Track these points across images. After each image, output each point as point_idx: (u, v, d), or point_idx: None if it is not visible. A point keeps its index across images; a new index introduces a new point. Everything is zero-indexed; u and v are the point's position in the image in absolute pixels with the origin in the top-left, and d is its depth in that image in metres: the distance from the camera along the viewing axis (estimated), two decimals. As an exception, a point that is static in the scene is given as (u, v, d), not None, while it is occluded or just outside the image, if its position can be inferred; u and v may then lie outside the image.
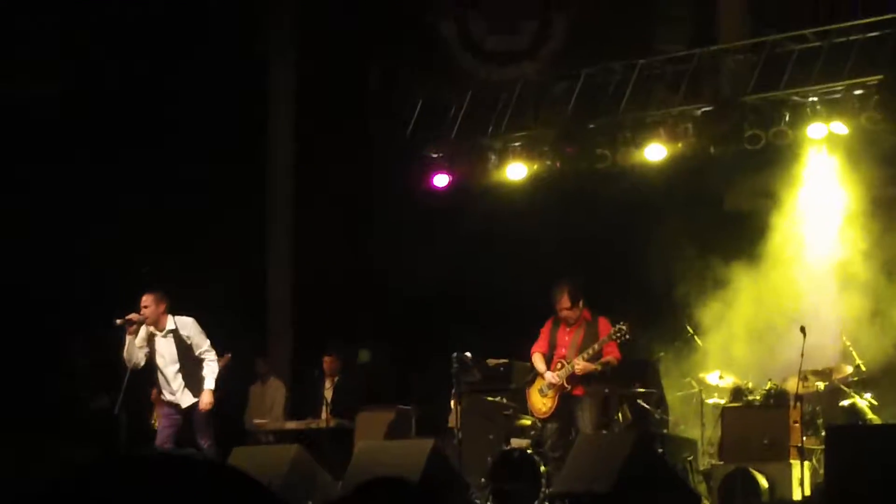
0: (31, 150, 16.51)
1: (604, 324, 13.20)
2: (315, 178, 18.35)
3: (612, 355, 13.18)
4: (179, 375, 13.11)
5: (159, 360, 13.10)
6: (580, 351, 13.14)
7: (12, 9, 16.29)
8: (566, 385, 13.13)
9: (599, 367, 13.07)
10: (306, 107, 18.71)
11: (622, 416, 13.96)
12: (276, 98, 18.99)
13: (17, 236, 16.19)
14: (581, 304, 13.36)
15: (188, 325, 13.16)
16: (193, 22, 17.02)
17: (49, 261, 16.39)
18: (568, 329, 13.31)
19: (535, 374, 13.56)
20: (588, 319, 13.27)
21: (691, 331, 14.94)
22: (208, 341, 13.15)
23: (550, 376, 13.22)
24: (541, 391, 13.36)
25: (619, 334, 13.03)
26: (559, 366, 13.19)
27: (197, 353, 13.09)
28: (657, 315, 15.14)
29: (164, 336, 13.08)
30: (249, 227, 18.42)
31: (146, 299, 13.07)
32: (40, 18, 16.28)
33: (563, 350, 13.22)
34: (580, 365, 13.03)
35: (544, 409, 13.34)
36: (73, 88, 16.53)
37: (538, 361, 13.46)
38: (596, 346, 13.09)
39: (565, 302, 13.30)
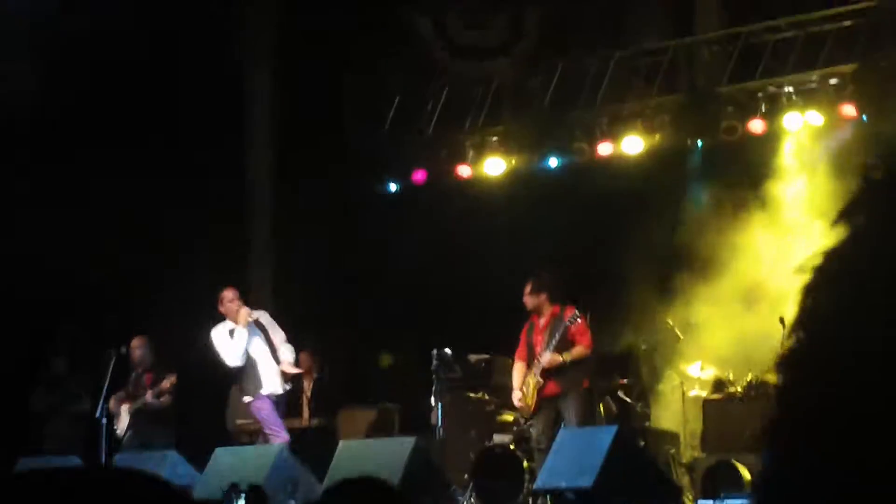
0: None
1: (569, 312, 13.10)
2: (294, 175, 18.30)
3: (581, 345, 13.04)
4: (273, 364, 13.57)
5: (257, 354, 13.53)
6: (548, 343, 13.05)
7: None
8: (540, 381, 13.07)
9: (566, 359, 12.93)
10: (283, 108, 18.65)
11: (604, 409, 13.97)
12: (251, 99, 18.93)
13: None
14: (545, 296, 13.24)
15: (265, 315, 13.80)
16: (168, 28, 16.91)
17: (26, 263, 16.31)
18: (540, 328, 13.25)
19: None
20: (556, 314, 13.18)
21: (671, 323, 14.95)
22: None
23: (516, 398, 13.21)
24: (523, 391, 13.33)
25: (572, 318, 12.93)
26: (535, 363, 13.14)
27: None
28: (637, 308, 15.15)
29: (252, 327, 13.52)
30: (229, 235, 18.39)
31: (231, 294, 13.66)
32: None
33: (538, 348, 13.17)
34: (546, 357, 12.96)
35: (526, 409, 13.28)
36: (42, 93, 16.43)
37: (515, 372, 13.40)
38: (557, 335, 12.97)
39: (527, 289, 13.25)
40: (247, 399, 13.68)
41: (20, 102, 15.64)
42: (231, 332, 13.61)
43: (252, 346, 13.62)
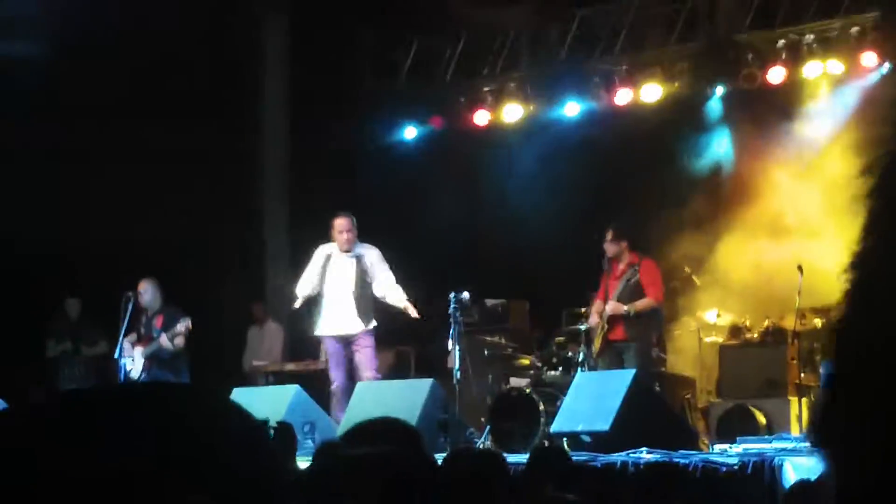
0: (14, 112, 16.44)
1: (646, 265, 13.13)
2: (311, 131, 18.28)
3: (649, 297, 13.07)
4: (353, 302, 13.13)
5: (335, 285, 13.13)
6: (621, 293, 13.12)
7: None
8: (605, 325, 13.16)
9: (630, 311, 12.97)
10: (300, 64, 18.59)
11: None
12: (271, 56, 18.88)
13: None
14: (626, 244, 13.27)
15: (373, 253, 13.27)
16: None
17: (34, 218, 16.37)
18: (617, 274, 13.25)
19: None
20: (634, 263, 13.19)
21: (688, 270, 14.95)
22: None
23: (593, 319, 13.30)
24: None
25: (630, 272, 13.01)
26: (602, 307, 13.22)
27: (379, 278, 13.15)
28: (654, 255, 15.15)
29: (348, 259, 13.14)
30: (246, 192, 18.40)
31: (344, 223, 13.20)
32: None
33: (611, 293, 13.22)
34: (611, 306, 13.03)
35: (596, 349, 13.38)
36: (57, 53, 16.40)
37: (592, 310, 13.48)
38: (629, 283, 13.03)
39: (608, 235, 13.26)
40: (318, 333, 13.37)
41: (29, 74, 15.64)
42: (328, 258, 13.33)
43: (337, 280, 13.27)
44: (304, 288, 13.41)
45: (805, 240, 14.37)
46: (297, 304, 13.55)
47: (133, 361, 14.34)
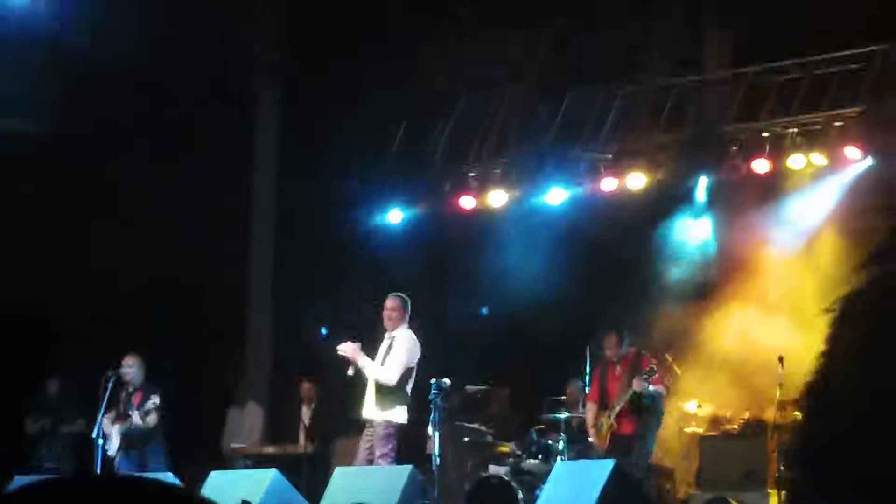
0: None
1: (646, 362, 13.28)
2: (298, 202, 18.32)
3: (658, 384, 13.24)
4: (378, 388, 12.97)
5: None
6: (625, 387, 13.28)
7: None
8: (614, 424, 13.34)
9: (647, 388, 13.09)
10: (289, 135, 18.68)
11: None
12: (258, 123, 18.98)
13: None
14: (625, 346, 13.45)
15: (399, 338, 12.99)
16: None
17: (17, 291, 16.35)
18: (616, 375, 13.48)
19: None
20: (632, 362, 13.38)
21: (669, 358, 14.94)
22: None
23: (592, 434, 13.57)
24: (598, 427, 13.51)
25: (647, 374, 13.12)
26: (610, 407, 13.41)
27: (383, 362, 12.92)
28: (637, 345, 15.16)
29: (386, 340, 13.00)
30: (232, 270, 18.42)
31: (388, 302, 13.00)
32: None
33: (613, 395, 13.36)
34: (636, 383, 13.15)
35: (602, 440, 13.47)
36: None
37: (588, 413, 13.70)
38: (629, 386, 13.22)
39: (612, 340, 13.50)
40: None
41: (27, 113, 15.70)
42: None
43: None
44: None
45: (788, 330, 14.37)
46: None
47: (111, 440, 14.25)
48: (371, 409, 13.01)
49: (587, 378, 13.91)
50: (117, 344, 14.86)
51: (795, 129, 15.25)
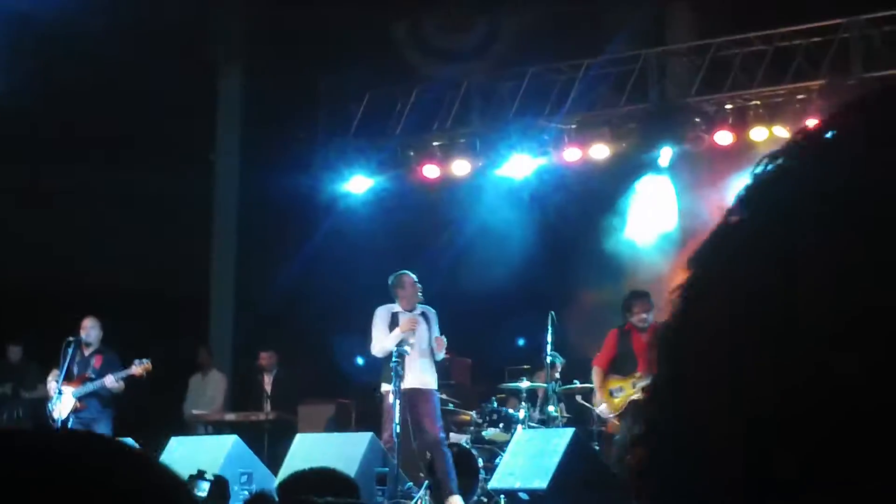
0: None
1: None
2: (262, 172, 18.30)
3: None
4: (427, 358, 13.00)
5: (412, 343, 12.96)
6: None
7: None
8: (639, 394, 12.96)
9: None
10: (253, 109, 18.63)
11: (559, 412, 14.00)
12: (224, 105, 18.92)
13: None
14: (652, 315, 13.24)
15: (433, 312, 13.19)
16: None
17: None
18: (642, 339, 13.06)
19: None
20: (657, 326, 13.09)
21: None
22: None
23: (599, 404, 13.27)
24: (611, 393, 13.26)
25: None
26: (636, 375, 13.01)
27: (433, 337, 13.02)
28: (598, 315, 15.21)
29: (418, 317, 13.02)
30: (194, 238, 18.39)
31: (411, 279, 13.13)
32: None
33: (644, 363, 12.98)
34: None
35: (616, 409, 13.25)
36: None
37: (596, 377, 13.35)
38: None
39: (645, 306, 13.16)
40: (385, 388, 12.92)
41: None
42: (394, 316, 13.07)
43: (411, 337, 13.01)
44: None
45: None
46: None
47: (59, 401, 14.01)
48: (420, 378, 12.92)
49: (548, 346, 13.87)
50: (81, 310, 14.81)
51: (758, 102, 15.31)
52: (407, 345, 12.87)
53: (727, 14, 16.01)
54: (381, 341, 12.88)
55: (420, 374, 12.93)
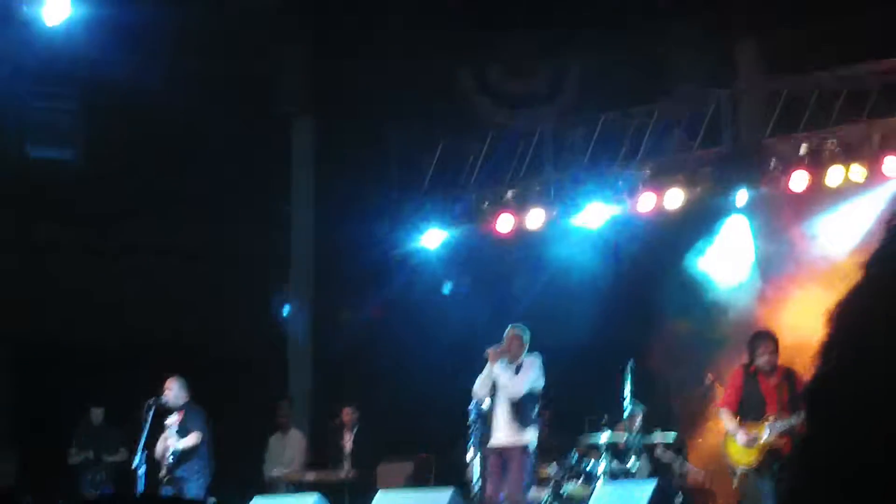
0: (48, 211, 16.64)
1: (801, 381, 12.25)
2: (337, 227, 18.33)
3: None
4: (514, 412, 12.90)
5: (500, 394, 12.93)
6: (788, 405, 12.43)
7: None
8: (779, 441, 12.48)
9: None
10: (326, 161, 18.69)
11: (642, 462, 13.80)
12: (297, 158, 18.99)
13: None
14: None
15: (535, 362, 13.04)
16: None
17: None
18: (770, 386, 12.67)
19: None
20: (786, 374, 12.63)
21: (711, 377, 14.72)
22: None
23: (744, 439, 12.67)
24: (741, 443, 12.70)
25: (784, 379, 12.52)
26: (769, 419, 12.58)
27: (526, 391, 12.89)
28: (680, 363, 15.04)
29: (510, 368, 12.96)
30: (271, 283, 18.43)
31: (513, 331, 13.08)
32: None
33: (771, 407, 12.61)
34: (794, 420, 12.23)
35: (747, 461, 12.70)
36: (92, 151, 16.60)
37: (726, 418, 12.91)
38: (793, 396, 12.43)
39: (770, 347, 12.68)
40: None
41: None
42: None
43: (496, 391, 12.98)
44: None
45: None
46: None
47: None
48: (505, 433, 12.82)
49: (629, 397, 13.71)
50: (160, 372, 14.87)
51: (834, 141, 15.05)
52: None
53: (799, 49, 15.76)
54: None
55: (501, 430, 12.88)
